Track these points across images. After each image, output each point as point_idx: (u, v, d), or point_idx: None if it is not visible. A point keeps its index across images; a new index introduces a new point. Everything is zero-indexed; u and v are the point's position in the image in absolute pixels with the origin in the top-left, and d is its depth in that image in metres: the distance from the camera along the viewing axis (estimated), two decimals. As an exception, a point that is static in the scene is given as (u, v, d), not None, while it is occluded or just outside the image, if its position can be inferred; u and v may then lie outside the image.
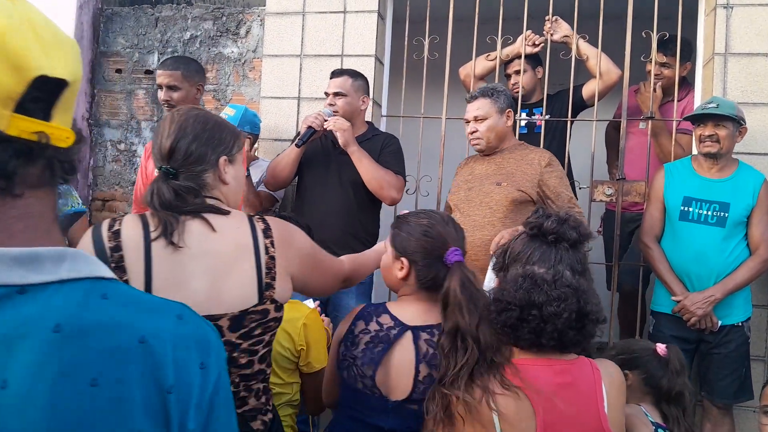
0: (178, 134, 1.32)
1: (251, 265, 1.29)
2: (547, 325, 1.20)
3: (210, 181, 1.34)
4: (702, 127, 2.52)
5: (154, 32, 3.65)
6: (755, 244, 2.50)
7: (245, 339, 1.28)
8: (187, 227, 1.26)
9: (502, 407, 1.17)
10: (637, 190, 2.92)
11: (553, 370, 1.22)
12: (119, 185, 3.68)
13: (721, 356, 2.54)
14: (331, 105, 2.72)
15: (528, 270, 1.27)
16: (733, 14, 2.89)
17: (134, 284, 1.20)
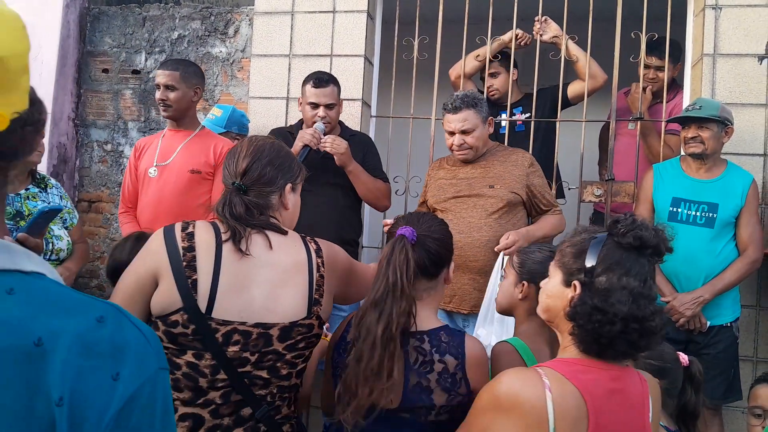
0: (255, 156, 1.45)
1: (305, 281, 1.39)
2: (642, 339, 1.20)
3: (275, 202, 1.46)
4: (686, 129, 2.54)
5: (142, 32, 3.62)
6: (743, 244, 2.50)
7: (290, 350, 1.37)
8: (253, 239, 1.36)
9: (559, 405, 1.15)
10: (626, 191, 2.92)
11: (609, 376, 1.22)
12: (106, 186, 3.64)
13: (710, 357, 2.54)
14: (323, 117, 2.66)
15: (627, 283, 1.22)
16: (721, 15, 2.90)
17: (202, 284, 1.30)
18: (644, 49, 3.00)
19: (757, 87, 2.85)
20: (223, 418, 1.32)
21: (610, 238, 1.27)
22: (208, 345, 1.30)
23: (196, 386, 1.31)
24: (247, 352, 1.32)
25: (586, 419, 1.16)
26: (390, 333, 1.35)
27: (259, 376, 1.34)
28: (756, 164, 2.82)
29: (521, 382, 1.19)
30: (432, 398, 1.40)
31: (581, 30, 3.02)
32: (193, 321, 1.29)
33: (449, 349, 1.43)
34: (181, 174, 2.66)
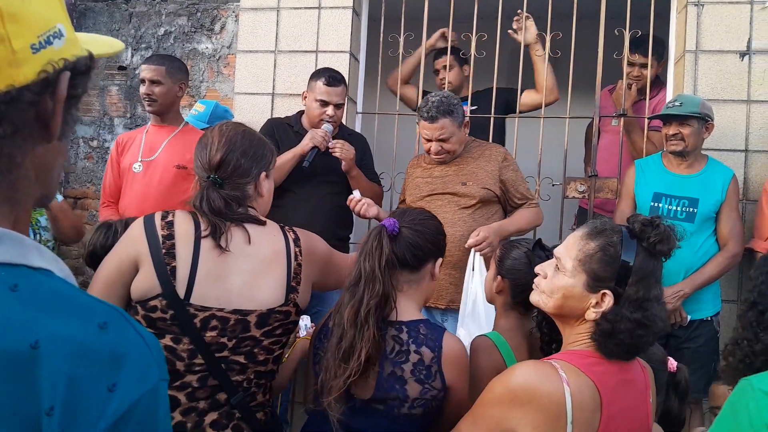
0: (228, 147, 1.44)
1: (283, 269, 1.42)
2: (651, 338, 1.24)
3: (251, 192, 1.47)
4: (668, 126, 2.56)
5: (128, 28, 3.62)
6: (724, 239, 2.52)
7: (267, 337, 1.39)
8: (232, 232, 1.38)
9: (577, 397, 1.16)
10: (609, 187, 2.94)
11: (618, 366, 1.24)
12: (92, 183, 3.63)
13: (690, 351, 2.56)
14: (331, 116, 2.64)
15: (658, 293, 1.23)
16: (703, 12, 2.92)
17: (181, 271, 1.33)
18: (627, 46, 3.01)
19: (738, 83, 2.87)
20: (198, 402, 1.34)
21: (639, 245, 1.23)
22: (186, 330, 1.32)
23: (173, 369, 1.34)
24: (225, 338, 1.34)
25: (600, 410, 1.18)
26: (361, 316, 1.37)
27: (236, 361, 1.36)
28: (737, 160, 2.84)
29: (539, 375, 1.18)
30: (405, 389, 1.39)
31: (565, 28, 3.04)
32: (172, 307, 1.32)
33: (426, 342, 1.42)
34: (167, 170, 2.67)
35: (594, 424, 1.17)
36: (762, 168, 2.83)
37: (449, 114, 2.42)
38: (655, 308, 1.21)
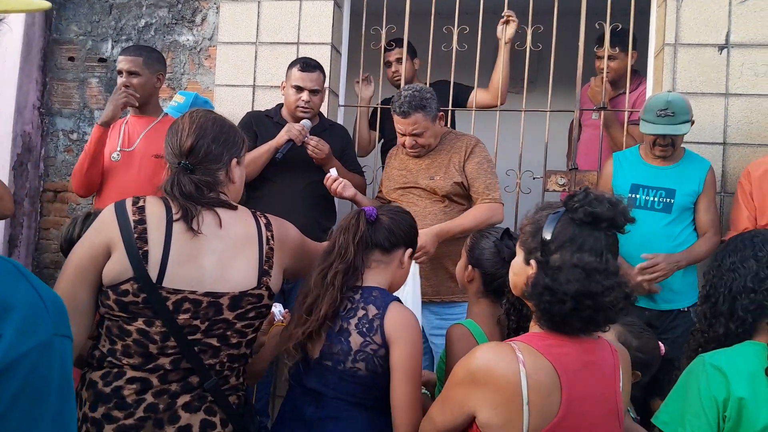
0: (199, 134, 1.45)
1: (255, 252, 1.43)
2: (599, 314, 1.19)
3: (222, 178, 1.48)
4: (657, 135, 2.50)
5: (108, 19, 3.58)
6: (703, 228, 2.54)
7: (240, 319, 1.40)
8: (204, 216, 1.39)
9: (533, 378, 1.16)
10: (589, 180, 2.95)
11: (582, 348, 1.22)
12: (71, 176, 3.59)
13: (668, 341, 2.54)
14: (307, 102, 2.64)
15: (580, 259, 1.20)
16: (683, 5, 2.94)
17: (153, 255, 1.34)
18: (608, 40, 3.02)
19: (716, 77, 2.89)
20: (170, 384, 1.35)
21: (565, 214, 1.25)
22: (159, 313, 1.33)
23: (146, 352, 1.34)
24: (197, 320, 1.35)
25: (559, 391, 1.17)
26: (327, 279, 1.49)
27: (209, 344, 1.37)
28: (716, 152, 2.86)
29: (496, 357, 1.19)
30: (349, 341, 1.47)
31: (547, 23, 3.04)
32: (144, 290, 1.32)
33: (374, 302, 1.52)
34: (146, 159, 2.66)
35: (553, 406, 1.16)
36: (739, 161, 2.85)
37: (422, 108, 2.39)
38: (568, 273, 1.17)
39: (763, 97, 2.86)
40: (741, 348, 1.35)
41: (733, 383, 1.27)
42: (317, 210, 2.75)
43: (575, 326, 1.21)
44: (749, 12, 2.88)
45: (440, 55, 3.18)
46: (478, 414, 1.20)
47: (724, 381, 1.27)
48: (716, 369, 1.29)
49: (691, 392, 1.31)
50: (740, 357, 1.32)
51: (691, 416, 1.29)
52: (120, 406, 1.32)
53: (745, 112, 2.86)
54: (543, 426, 1.15)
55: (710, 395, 1.27)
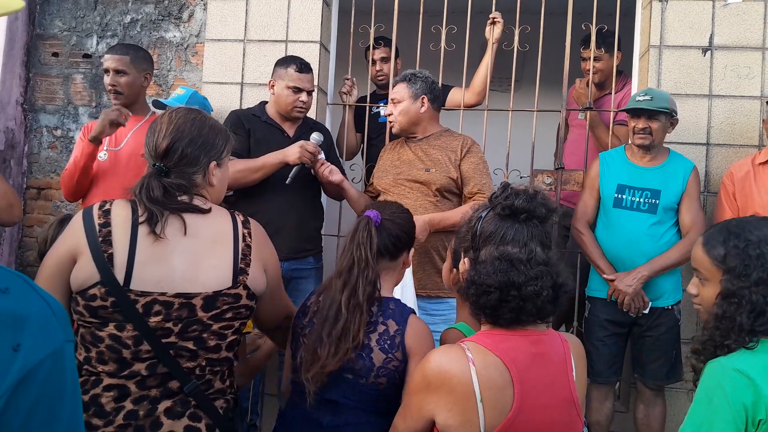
0: (175, 136, 1.40)
1: (229, 249, 1.38)
2: (527, 304, 1.22)
3: (199, 181, 1.43)
4: (636, 119, 2.58)
5: (93, 15, 3.54)
6: (686, 228, 2.58)
7: (216, 321, 1.35)
8: (170, 221, 1.34)
9: (483, 376, 1.18)
10: (575, 179, 2.99)
11: (529, 341, 1.24)
12: (55, 173, 3.55)
13: (652, 339, 2.61)
14: (304, 102, 2.65)
15: (502, 251, 1.26)
16: (668, 8, 2.98)
17: (118, 257, 1.30)
18: (594, 41, 3.05)
19: (700, 78, 2.94)
20: (150, 390, 1.31)
21: (490, 211, 1.34)
22: (129, 316, 1.29)
23: (119, 358, 1.30)
24: (170, 323, 1.31)
25: (511, 386, 1.19)
26: (357, 300, 1.45)
27: (185, 347, 1.33)
28: (699, 153, 2.91)
29: (448, 359, 1.23)
30: (371, 357, 1.46)
31: (534, 23, 3.07)
32: (112, 294, 1.29)
33: (393, 316, 1.52)
34: (133, 158, 2.64)
35: (507, 401, 1.19)
36: (723, 161, 2.90)
37: (407, 80, 2.56)
38: (489, 266, 1.23)
39: (745, 99, 2.91)
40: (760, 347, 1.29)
41: (762, 385, 1.22)
42: (306, 210, 2.74)
43: (507, 317, 1.24)
44: (732, 15, 2.93)
45: (428, 54, 3.19)
46: (436, 417, 1.23)
47: (750, 384, 1.23)
48: (739, 372, 1.24)
49: (716, 399, 1.24)
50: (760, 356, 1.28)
51: (721, 423, 1.22)
52: (99, 414, 1.28)
53: (728, 113, 2.92)
54: (500, 421, 1.18)
55: (738, 400, 1.21)
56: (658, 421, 2.67)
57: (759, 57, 2.91)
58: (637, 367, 2.71)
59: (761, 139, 2.87)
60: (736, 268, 1.31)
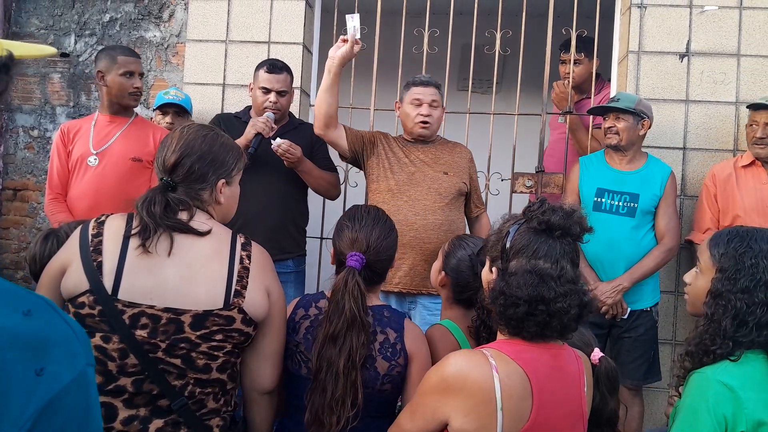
0: (184, 151, 1.39)
1: (223, 269, 1.34)
2: (553, 320, 1.23)
3: (206, 197, 1.41)
4: (605, 119, 2.67)
5: (71, 13, 3.48)
6: (661, 233, 2.63)
7: (205, 340, 1.31)
8: (162, 238, 1.32)
9: (506, 384, 1.18)
10: (555, 182, 3.03)
11: (550, 354, 1.26)
12: (32, 174, 3.50)
13: (631, 340, 2.66)
14: (274, 103, 2.63)
15: (534, 265, 1.25)
16: (646, 14, 3.03)
17: (107, 265, 1.29)
18: (574, 45, 3.09)
19: (677, 84, 3.00)
20: (138, 409, 1.28)
21: (524, 223, 1.31)
22: (115, 327, 1.27)
23: (105, 370, 1.28)
24: (157, 338, 1.28)
25: (531, 397, 1.20)
26: (353, 364, 1.42)
27: (172, 364, 1.30)
28: (676, 157, 2.97)
29: (469, 364, 1.22)
30: (376, 367, 1.48)
31: (515, 25, 3.10)
32: (99, 302, 1.28)
33: (390, 324, 1.53)
34: (122, 162, 2.60)
35: (525, 410, 1.19)
36: (699, 165, 2.96)
37: (438, 87, 2.59)
38: (521, 278, 1.23)
39: (720, 104, 2.98)
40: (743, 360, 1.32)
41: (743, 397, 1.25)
42: (288, 211, 2.74)
43: (531, 330, 1.24)
44: (708, 22, 2.99)
45: (410, 56, 3.21)
46: (452, 421, 1.22)
47: (732, 396, 1.26)
48: (722, 384, 1.27)
49: (700, 410, 1.27)
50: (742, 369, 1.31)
51: None
52: None
53: (704, 118, 2.98)
54: (516, 430, 1.19)
55: (720, 412, 1.25)
56: (636, 420, 2.72)
57: (734, 63, 2.98)
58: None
59: (736, 144, 2.94)
60: (728, 270, 1.35)
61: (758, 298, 1.32)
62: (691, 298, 1.46)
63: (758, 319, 1.31)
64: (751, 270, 1.33)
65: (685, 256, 2.87)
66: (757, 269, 1.33)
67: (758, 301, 1.31)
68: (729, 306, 1.33)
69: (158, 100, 3.03)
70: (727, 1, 2.99)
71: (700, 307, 1.42)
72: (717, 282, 1.36)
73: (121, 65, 2.59)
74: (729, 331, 1.32)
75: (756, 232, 1.40)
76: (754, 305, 1.31)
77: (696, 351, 1.37)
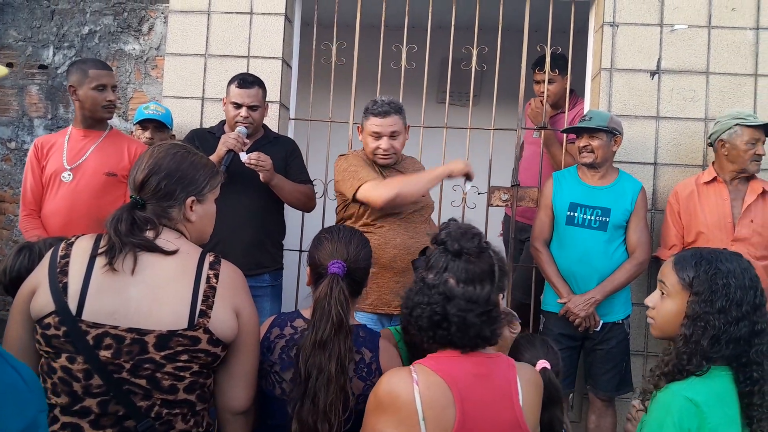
0: (152, 169, 1.41)
1: (188, 288, 1.34)
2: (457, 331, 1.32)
3: (175, 215, 1.42)
4: (579, 138, 2.73)
5: (50, 25, 3.48)
6: (632, 247, 2.69)
7: (170, 361, 1.31)
8: (128, 257, 1.33)
9: (426, 395, 1.25)
10: (530, 196, 3.08)
11: (472, 362, 1.33)
12: (9, 186, 3.48)
13: (603, 352, 2.71)
14: (245, 118, 2.63)
15: (444, 281, 1.36)
16: (618, 32, 3.10)
17: (72, 286, 1.31)
18: (549, 62, 3.16)
19: (648, 100, 3.07)
20: (104, 430, 1.28)
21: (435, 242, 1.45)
22: (80, 348, 1.28)
23: (71, 391, 1.29)
24: (121, 358, 1.29)
25: (453, 405, 1.27)
26: (343, 368, 1.46)
27: (138, 385, 1.30)
28: (647, 172, 3.04)
29: (394, 380, 1.31)
30: (351, 387, 1.50)
31: (491, 40, 3.15)
32: (64, 323, 1.29)
33: (365, 344, 1.57)
34: (96, 176, 2.58)
35: (449, 418, 1.27)
36: (669, 180, 3.03)
37: (398, 112, 2.48)
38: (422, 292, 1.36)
39: (690, 121, 3.05)
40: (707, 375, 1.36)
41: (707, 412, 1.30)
42: (266, 225, 2.73)
43: (446, 340, 1.34)
44: (678, 40, 3.07)
45: (389, 71, 3.26)
46: None
47: (697, 411, 1.30)
48: (688, 400, 1.32)
49: (666, 426, 1.32)
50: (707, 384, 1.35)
51: None
52: None
53: (674, 134, 3.05)
54: None
55: (685, 426, 1.29)
56: (609, 430, 2.77)
57: (703, 81, 3.06)
58: (589, 378, 2.81)
59: (705, 159, 3.02)
60: (703, 293, 1.39)
61: (731, 316, 1.37)
62: (659, 322, 1.49)
63: (730, 336, 1.36)
64: (724, 290, 1.38)
65: (655, 269, 2.93)
66: (729, 289, 1.38)
67: (731, 319, 1.37)
68: (708, 326, 1.37)
69: (138, 114, 3.02)
70: (696, 21, 3.07)
71: (669, 331, 1.46)
72: (694, 305, 1.39)
73: (93, 78, 2.58)
74: (706, 350, 1.36)
75: (719, 253, 1.45)
76: (728, 323, 1.36)
77: (672, 371, 1.41)
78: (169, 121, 3.04)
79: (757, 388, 1.35)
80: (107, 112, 2.64)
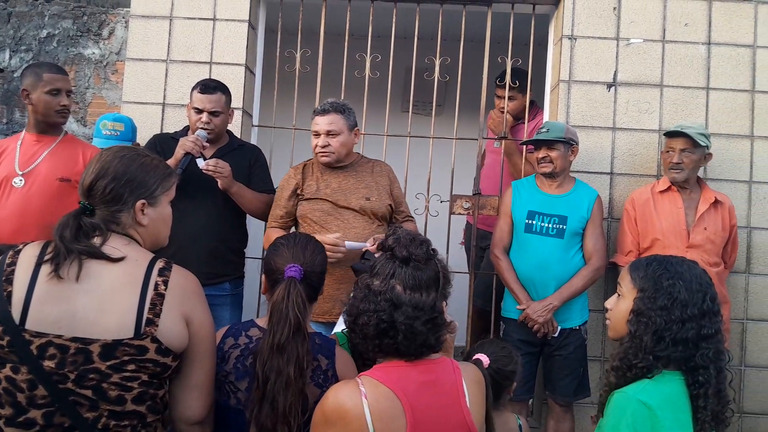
0: (99, 173, 1.39)
1: (135, 296, 1.31)
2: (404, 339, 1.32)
3: (125, 220, 1.40)
4: (538, 150, 2.79)
5: (6, 28, 3.41)
6: (588, 254, 2.75)
7: (116, 371, 1.28)
8: (74, 264, 1.31)
9: (375, 407, 1.25)
10: (491, 204, 3.13)
11: (418, 370, 1.33)
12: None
13: (561, 358, 2.76)
14: (206, 123, 2.62)
15: (363, 282, 1.38)
16: (576, 45, 3.18)
17: (16, 295, 1.28)
18: (509, 73, 3.22)
19: (605, 112, 3.15)
20: None
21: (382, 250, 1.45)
22: (23, 358, 1.26)
23: (15, 401, 1.26)
24: (65, 369, 1.26)
25: (404, 415, 1.27)
26: (301, 371, 1.45)
27: (83, 396, 1.27)
28: (603, 182, 3.11)
29: (342, 394, 1.30)
30: (306, 394, 1.49)
31: (453, 51, 3.20)
32: (7, 332, 1.26)
33: (321, 350, 1.57)
34: (49, 182, 2.52)
35: (399, 429, 1.27)
36: (625, 189, 3.11)
37: (341, 112, 2.53)
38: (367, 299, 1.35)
39: (645, 132, 3.14)
40: (660, 378, 1.42)
41: (660, 415, 1.34)
42: (227, 232, 2.70)
43: (392, 349, 1.34)
44: (634, 54, 3.16)
45: (352, 80, 3.27)
46: None
47: (650, 414, 1.34)
48: (641, 403, 1.36)
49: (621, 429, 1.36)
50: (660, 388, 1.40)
51: None
52: None
53: (630, 145, 3.14)
54: None
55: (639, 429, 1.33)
56: (567, 435, 2.82)
57: (657, 93, 3.15)
58: (548, 384, 2.85)
59: (659, 169, 3.11)
60: (648, 290, 1.46)
61: (674, 315, 1.42)
62: (613, 322, 1.55)
63: (674, 335, 1.42)
64: (668, 290, 1.44)
65: (611, 275, 3.00)
66: (674, 289, 1.44)
67: (674, 318, 1.42)
68: (650, 323, 1.43)
69: (96, 131, 2.94)
70: (651, 35, 3.17)
71: (621, 331, 1.52)
72: (639, 301, 1.47)
73: (47, 83, 2.54)
74: (649, 346, 1.42)
75: (673, 258, 1.52)
76: (671, 322, 1.42)
77: (620, 366, 1.46)
78: (130, 135, 2.96)
79: (702, 391, 1.41)
80: (61, 116, 2.59)
